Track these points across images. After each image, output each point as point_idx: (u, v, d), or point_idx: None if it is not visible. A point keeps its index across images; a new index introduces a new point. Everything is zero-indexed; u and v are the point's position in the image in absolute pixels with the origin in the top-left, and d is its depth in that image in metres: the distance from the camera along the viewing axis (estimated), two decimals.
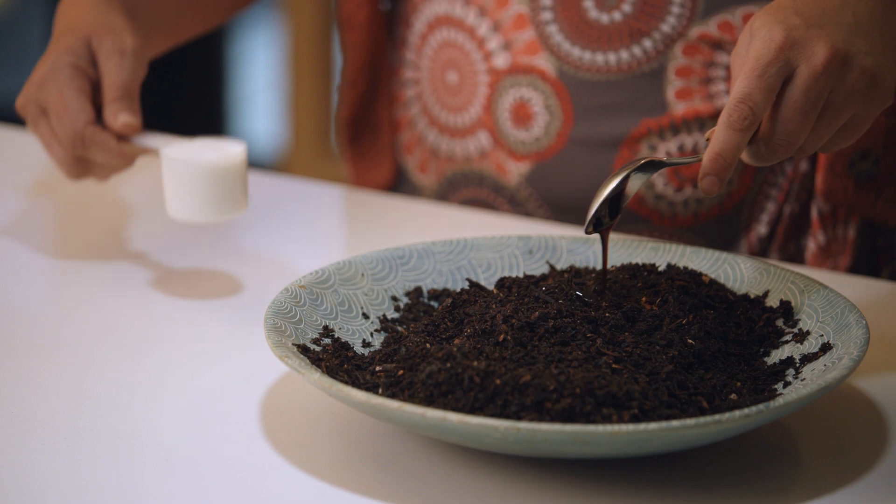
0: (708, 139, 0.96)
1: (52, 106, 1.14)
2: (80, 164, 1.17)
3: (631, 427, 0.81)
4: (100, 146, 1.13)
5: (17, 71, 3.45)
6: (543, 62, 1.30)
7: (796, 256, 1.31)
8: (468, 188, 1.39)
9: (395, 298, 1.07)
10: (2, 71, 3.46)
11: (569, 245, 1.11)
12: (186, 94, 3.50)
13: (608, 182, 0.97)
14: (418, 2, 1.38)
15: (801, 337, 0.98)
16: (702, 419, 0.82)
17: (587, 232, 0.99)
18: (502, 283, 1.05)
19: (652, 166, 0.98)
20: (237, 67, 3.55)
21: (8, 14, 3.44)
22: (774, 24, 0.95)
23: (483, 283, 1.09)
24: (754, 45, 0.95)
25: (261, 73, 3.59)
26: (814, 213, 1.29)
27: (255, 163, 3.51)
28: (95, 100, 1.17)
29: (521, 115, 1.33)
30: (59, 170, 1.18)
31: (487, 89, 1.34)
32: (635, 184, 0.98)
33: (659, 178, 1.30)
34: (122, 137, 1.14)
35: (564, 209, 1.33)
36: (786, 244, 1.31)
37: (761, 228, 1.31)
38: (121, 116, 1.13)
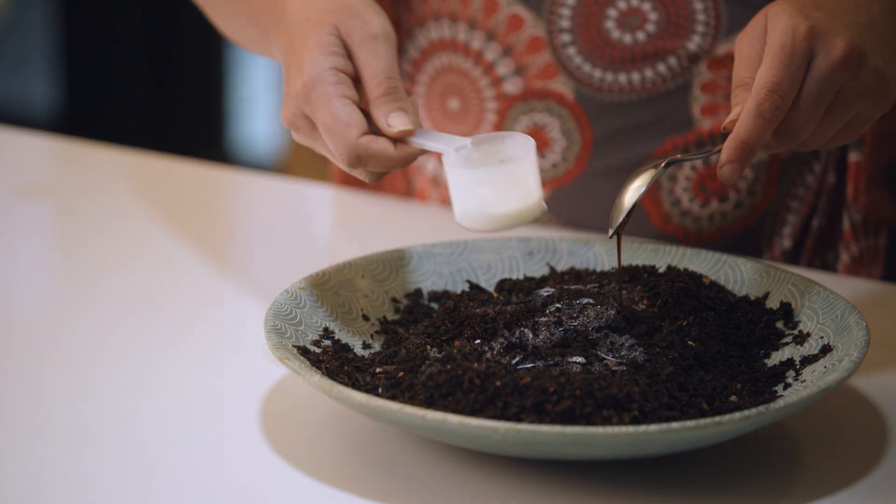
0: (725, 129, 0.96)
1: (320, 120, 1.00)
2: (373, 174, 1.03)
3: (631, 429, 0.81)
4: (377, 157, 0.99)
5: (18, 73, 3.45)
6: (560, 86, 1.27)
7: (825, 269, 1.29)
8: None
9: (395, 300, 1.06)
10: (3, 73, 3.46)
11: (569, 247, 1.11)
12: (187, 96, 3.50)
13: (631, 186, 0.96)
14: (413, 26, 1.34)
15: (802, 339, 0.98)
16: (702, 421, 0.82)
17: (611, 237, 0.98)
18: (502, 285, 1.05)
19: (670, 165, 0.97)
20: (237, 69, 3.55)
21: (9, 17, 3.44)
22: (796, 13, 0.94)
23: (483, 284, 1.09)
24: (776, 32, 0.94)
25: (260, 75, 3.59)
26: (846, 225, 1.27)
27: (255, 164, 3.51)
28: (359, 97, 1.04)
29: (536, 141, 1.29)
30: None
31: (496, 116, 1.31)
32: (650, 179, 0.97)
33: (685, 194, 1.27)
34: (398, 140, 1.00)
35: (588, 232, 1.31)
36: (813, 258, 1.30)
37: (784, 242, 1.29)
38: (393, 121, 0.99)
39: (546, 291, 0.99)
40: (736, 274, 1.06)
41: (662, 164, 0.96)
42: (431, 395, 0.87)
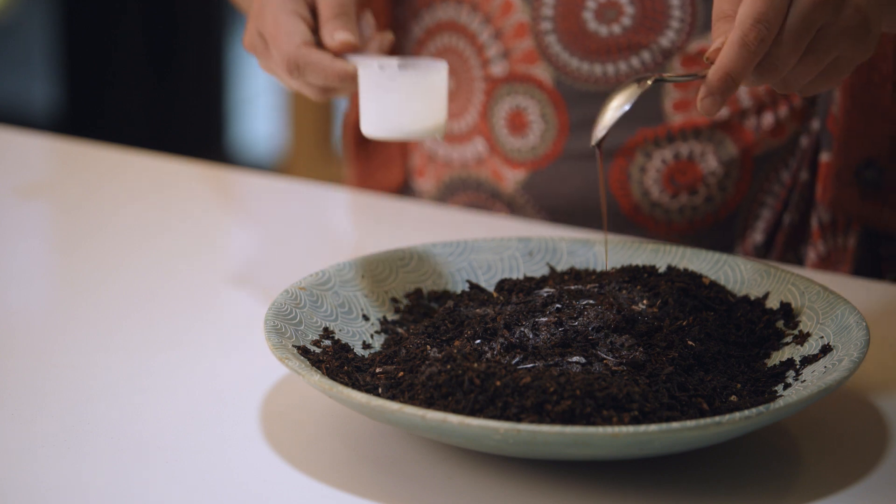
0: (708, 58, 0.95)
1: (268, 32, 1.08)
2: (315, 89, 1.11)
3: (631, 429, 0.81)
4: (314, 66, 1.07)
5: (18, 73, 3.45)
6: (541, 72, 1.31)
7: (795, 266, 1.31)
8: (466, 193, 1.39)
9: (395, 300, 1.06)
10: (3, 73, 3.47)
11: (569, 247, 1.11)
12: (187, 96, 3.51)
13: (616, 98, 0.97)
14: (419, 7, 1.37)
15: (802, 339, 0.98)
16: (702, 421, 0.82)
17: (594, 145, 0.99)
18: (502, 285, 1.05)
19: (656, 83, 0.97)
20: (238, 69, 3.56)
21: (9, 17, 3.44)
22: None
23: (483, 284, 1.09)
24: None
25: (261, 75, 3.59)
26: (814, 223, 1.29)
27: (255, 164, 3.51)
28: (315, 26, 1.11)
29: (517, 123, 1.33)
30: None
31: (483, 96, 1.35)
32: (634, 97, 0.97)
33: (654, 186, 1.29)
34: (339, 56, 1.08)
35: (562, 215, 1.34)
36: (784, 253, 1.31)
37: (757, 236, 1.31)
38: (337, 34, 1.07)
39: (546, 291, 0.99)
40: (736, 274, 1.06)
41: (650, 81, 0.96)
42: (431, 395, 0.87)
